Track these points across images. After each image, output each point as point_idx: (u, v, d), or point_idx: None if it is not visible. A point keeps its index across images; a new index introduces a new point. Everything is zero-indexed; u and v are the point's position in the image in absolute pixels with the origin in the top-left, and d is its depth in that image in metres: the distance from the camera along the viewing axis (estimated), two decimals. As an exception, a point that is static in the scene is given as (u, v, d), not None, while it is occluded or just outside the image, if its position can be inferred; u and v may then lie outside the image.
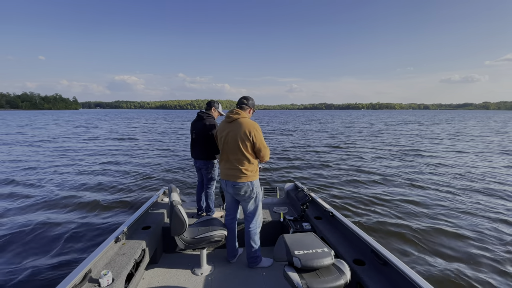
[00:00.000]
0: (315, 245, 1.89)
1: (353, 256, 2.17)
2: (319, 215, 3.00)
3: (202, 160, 3.11)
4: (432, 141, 16.55)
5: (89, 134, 20.64)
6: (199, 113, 3.14)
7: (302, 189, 3.34)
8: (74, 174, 8.07)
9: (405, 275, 1.72)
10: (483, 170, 8.43)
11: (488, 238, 4.06)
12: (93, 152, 12.28)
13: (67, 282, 1.68)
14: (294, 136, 19.88)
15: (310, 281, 1.66)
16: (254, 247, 2.62)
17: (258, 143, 2.37)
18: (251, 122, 2.41)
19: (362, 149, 13.25)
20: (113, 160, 10.57)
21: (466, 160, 10.27)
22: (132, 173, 8.31)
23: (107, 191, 6.43)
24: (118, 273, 1.98)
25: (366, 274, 1.93)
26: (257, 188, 2.51)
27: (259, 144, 2.37)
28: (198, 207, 3.35)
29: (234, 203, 2.67)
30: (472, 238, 4.05)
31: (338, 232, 2.59)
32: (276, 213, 3.32)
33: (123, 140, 17.14)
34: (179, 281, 2.50)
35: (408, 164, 9.50)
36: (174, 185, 2.63)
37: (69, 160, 10.27)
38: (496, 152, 11.91)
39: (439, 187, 6.62)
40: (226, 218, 2.73)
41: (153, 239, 2.67)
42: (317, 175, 7.94)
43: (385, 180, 7.26)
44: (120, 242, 2.38)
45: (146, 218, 2.95)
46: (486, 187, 6.53)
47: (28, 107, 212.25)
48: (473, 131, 22.96)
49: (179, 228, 2.28)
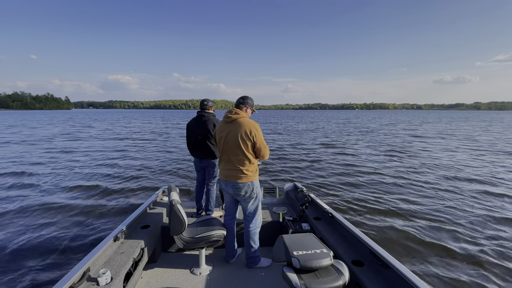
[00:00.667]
0: (314, 245, 1.89)
1: (352, 257, 2.16)
2: (318, 215, 2.99)
3: (208, 159, 3.14)
4: (426, 139, 16.79)
5: (86, 134, 20.40)
6: (201, 113, 3.13)
7: (302, 189, 3.34)
8: (71, 174, 8.00)
9: (403, 276, 1.72)
10: (483, 171, 8.49)
11: (486, 238, 4.06)
12: (91, 152, 12.16)
13: (65, 281, 1.68)
14: (291, 135, 19.95)
15: (309, 281, 1.66)
16: (254, 247, 2.63)
17: (259, 142, 2.37)
18: (250, 121, 2.40)
19: (359, 149, 13.35)
20: (111, 159, 10.50)
21: (466, 159, 10.38)
22: (131, 172, 8.28)
23: (106, 190, 6.41)
24: (116, 272, 1.98)
25: (365, 275, 1.93)
26: (257, 188, 2.51)
27: (259, 143, 2.37)
28: (198, 206, 3.35)
29: (233, 203, 2.67)
30: (472, 239, 4.05)
31: (337, 233, 2.59)
32: (275, 214, 3.32)
33: (121, 140, 17.01)
34: (178, 280, 2.49)
35: (406, 163, 9.58)
36: (174, 185, 2.63)
37: (67, 160, 10.16)
38: (500, 153, 12.02)
39: (437, 186, 6.67)
40: (226, 218, 2.73)
41: (152, 238, 2.66)
42: (315, 175, 7.95)
43: (384, 179, 7.32)
44: (119, 241, 2.37)
45: (145, 217, 2.94)
46: (488, 189, 6.50)
47: (19, 107, 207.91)
48: (477, 133, 23.15)
49: (178, 227, 2.28)
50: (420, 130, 25.61)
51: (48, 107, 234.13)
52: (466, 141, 16.66)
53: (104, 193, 6.23)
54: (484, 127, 30.61)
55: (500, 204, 5.46)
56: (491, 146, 14.09)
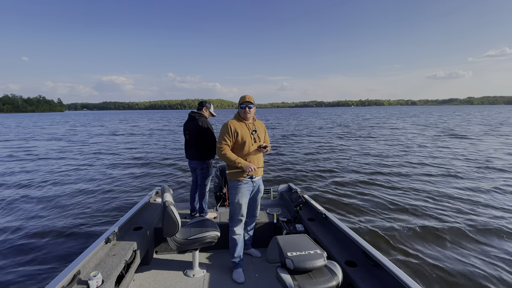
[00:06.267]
0: (308, 246, 1.89)
1: (345, 258, 2.16)
2: (312, 216, 2.98)
3: (196, 160, 3.10)
4: (423, 139, 16.88)
5: (82, 134, 20.20)
6: (191, 114, 3.13)
7: (296, 190, 3.33)
8: (63, 175, 7.91)
9: (396, 276, 1.72)
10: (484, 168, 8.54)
11: (484, 237, 4.03)
12: (84, 152, 12.06)
13: (55, 284, 1.64)
14: (288, 136, 19.95)
15: (303, 282, 1.66)
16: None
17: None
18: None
19: (351, 148, 13.36)
20: (104, 159, 10.39)
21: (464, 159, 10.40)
22: (124, 173, 8.18)
23: (98, 191, 6.32)
24: (108, 274, 1.94)
25: (358, 276, 1.93)
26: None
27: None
28: (191, 208, 3.32)
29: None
30: (469, 237, 4.03)
31: (331, 233, 2.58)
32: (269, 215, 3.30)
33: (115, 140, 16.90)
34: (171, 282, 2.46)
35: (402, 162, 9.56)
36: (167, 185, 2.60)
37: (59, 161, 10.06)
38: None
39: (432, 185, 6.63)
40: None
41: (144, 240, 2.63)
42: (311, 177, 7.85)
43: (377, 179, 7.32)
44: (110, 243, 2.33)
45: (138, 219, 2.89)
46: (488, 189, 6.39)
47: (10, 110, 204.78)
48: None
49: (171, 229, 2.25)
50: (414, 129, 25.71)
51: (41, 110, 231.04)
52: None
53: (96, 194, 6.14)
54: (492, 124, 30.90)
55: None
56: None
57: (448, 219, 4.61)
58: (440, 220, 4.59)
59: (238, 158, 2.37)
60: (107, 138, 18.78)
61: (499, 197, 5.61)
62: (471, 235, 4.11)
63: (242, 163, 2.36)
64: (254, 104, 2.46)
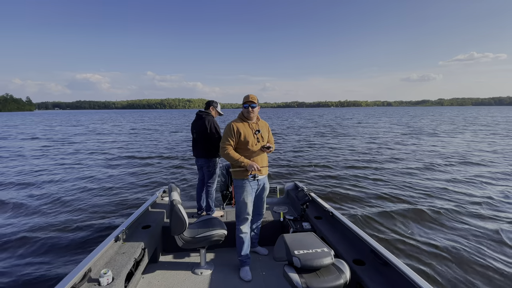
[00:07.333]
0: (315, 245, 1.88)
1: (353, 256, 2.15)
2: (319, 215, 2.99)
3: (203, 158, 3.16)
4: (419, 137, 17.11)
5: (80, 134, 19.54)
6: (198, 113, 3.23)
7: (302, 189, 3.33)
8: (71, 175, 7.89)
9: (405, 275, 1.69)
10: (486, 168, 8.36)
11: (488, 239, 4.00)
12: (91, 152, 11.89)
13: (66, 281, 1.65)
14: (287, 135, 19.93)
15: (310, 281, 1.65)
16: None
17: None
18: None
19: (357, 147, 13.45)
20: (112, 159, 10.31)
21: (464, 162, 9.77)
22: (131, 172, 8.21)
23: (106, 191, 6.36)
24: (118, 272, 1.96)
25: (366, 274, 1.91)
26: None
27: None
28: (198, 206, 3.35)
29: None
30: (473, 238, 4.01)
31: (338, 232, 2.57)
32: (276, 213, 3.33)
33: (120, 140, 16.63)
34: (179, 280, 2.50)
35: (401, 162, 9.53)
36: (174, 184, 2.62)
37: (67, 161, 9.92)
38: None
39: (440, 184, 6.65)
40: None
41: (153, 238, 2.65)
42: (316, 174, 7.87)
43: (383, 176, 7.31)
44: (120, 241, 2.35)
45: (146, 218, 2.91)
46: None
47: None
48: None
49: (179, 227, 2.29)
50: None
51: (7, 109, 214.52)
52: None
53: (104, 193, 6.18)
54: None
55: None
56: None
57: (462, 220, 4.56)
58: (456, 221, 4.55)
59: (241, 158, 2.42)
60: (113, 136, 18.56)
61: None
62: (491, 234, 4.05)
63: (245, 162, 2.41)
64: (257, 103, 2.50)
